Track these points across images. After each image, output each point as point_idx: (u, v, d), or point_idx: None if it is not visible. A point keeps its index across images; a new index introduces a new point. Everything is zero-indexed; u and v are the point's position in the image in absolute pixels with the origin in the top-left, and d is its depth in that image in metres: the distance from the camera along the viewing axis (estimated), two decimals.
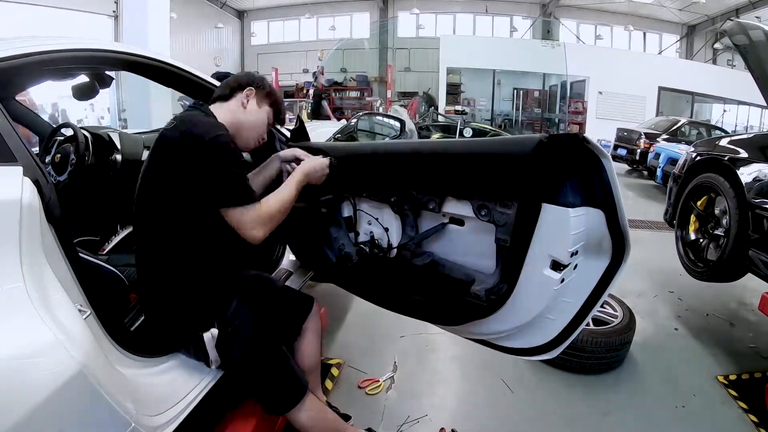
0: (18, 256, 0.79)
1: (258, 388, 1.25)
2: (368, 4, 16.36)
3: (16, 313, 0.75)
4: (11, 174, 0.84)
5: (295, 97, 15.22)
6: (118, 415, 0.85)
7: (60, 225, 0.92)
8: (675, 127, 7.87)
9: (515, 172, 1.10)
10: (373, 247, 1.53)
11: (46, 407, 0.73)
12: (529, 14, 15.39)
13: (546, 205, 1.04)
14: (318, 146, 1.65)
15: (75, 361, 0.77)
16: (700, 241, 2.51)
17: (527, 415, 1.81)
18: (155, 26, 7.07)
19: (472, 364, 2.13)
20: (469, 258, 1.32)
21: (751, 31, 2.07)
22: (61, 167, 1.83)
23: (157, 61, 1.42)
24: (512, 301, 1.15)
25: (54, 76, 1.74)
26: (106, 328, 1.00)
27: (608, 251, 1.07)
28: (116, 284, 1.36)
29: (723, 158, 2.31)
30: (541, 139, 1.04)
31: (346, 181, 1.53)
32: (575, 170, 1.02)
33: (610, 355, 2.03)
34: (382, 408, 1.81)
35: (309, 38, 16.85)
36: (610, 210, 1.02)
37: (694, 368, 2.15)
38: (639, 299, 2.84)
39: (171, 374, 1.17)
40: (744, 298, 2.92)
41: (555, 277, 1.06)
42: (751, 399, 1.89)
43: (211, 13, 15.73)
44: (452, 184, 1.26)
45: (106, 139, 1.99)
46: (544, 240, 1.06)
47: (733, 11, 13.04)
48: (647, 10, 14.89)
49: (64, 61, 1.16)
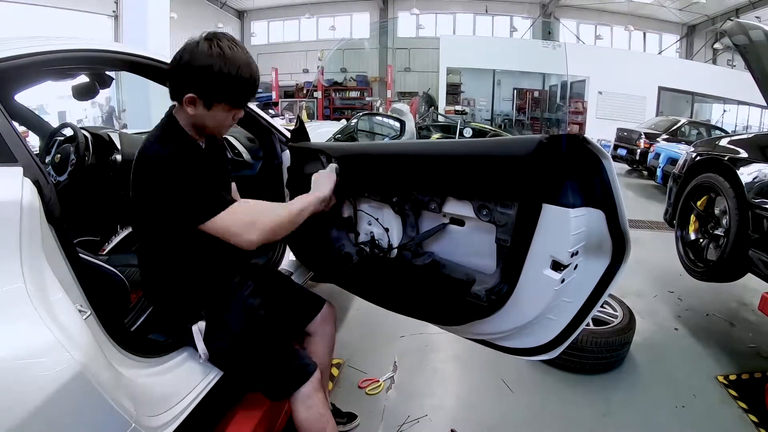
0: (18, 257, 0.79)
1: (254, 377, 1.23)
2: (368, 4, 16.37)
3: (16, 313, 0.75)
4: (11, 174, 0.84)
5: (295, 97, 15.24)
6: (118, 415, 0.85)
7: (60, 225, 0.92)
8: (675, 127, 7.88)
9: (516, 173, 1.10)
10: (374, 247, 1.53)
11: (46, 408, 0.73)
12: (529, 14, 15.38)
13: (546, 205, 1.04)
14: (318, 146, 1.65)
15: (75, 361, 0.76)
16: (700, 241, 2.51)
17: (527, 415, 1.81)
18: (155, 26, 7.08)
19: (472, 364, 2.13)
20: (469, 258, 1.32)
21: (751, 31, 2.07)
22: (61, 167, 1.83)
23: (156, 62, 1.42)
24: (513, 301, 1.15)
25: (54, 77, 1.74)
26: (106, 329, 1.00)
27: (608, 251, 1.07)
28: (116, 284, 1.35)
29: (723, 158, 2.31)
30: (542, 140, 1.04)
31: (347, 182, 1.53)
32: (575, 171, 1.02)
33: (610, 355, 2.03)
34: (382, 408, 1.81)
35: (309, 38, 16.86)
36: (611, 210, 1.02)
37: (694, 368, 2.15)
38: (639, 299, 2.84)
39: (171, 374, 1.17)
40: (744, 298, 2.92)
41: (555, 278, 1.06)
42: (751, 399, 1.89)
43: (211, 13, 15.73)
44: (453, 184, 1.26)
45: (106, 140, 1.99)
46: (545, 240, 1.06)
47: (733, 11, 13.04)
48: (647, 10, 14.89)
49: (64, 61, 1.16)
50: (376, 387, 1.93)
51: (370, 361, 2.12)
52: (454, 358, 2.19)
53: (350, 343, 2.29)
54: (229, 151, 1.96)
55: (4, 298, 0.76)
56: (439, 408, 1.84)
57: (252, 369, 1.23)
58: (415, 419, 1.74)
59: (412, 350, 2.24)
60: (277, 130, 1.81)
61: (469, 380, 2.06)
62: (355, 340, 2.32)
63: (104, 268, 1.34)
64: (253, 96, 1.19)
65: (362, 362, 2.10)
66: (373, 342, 2.30)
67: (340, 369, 2.05)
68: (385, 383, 1.97)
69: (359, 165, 1.50)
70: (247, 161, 1.96)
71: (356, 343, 2.28)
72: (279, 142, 1.80)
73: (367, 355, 2.17)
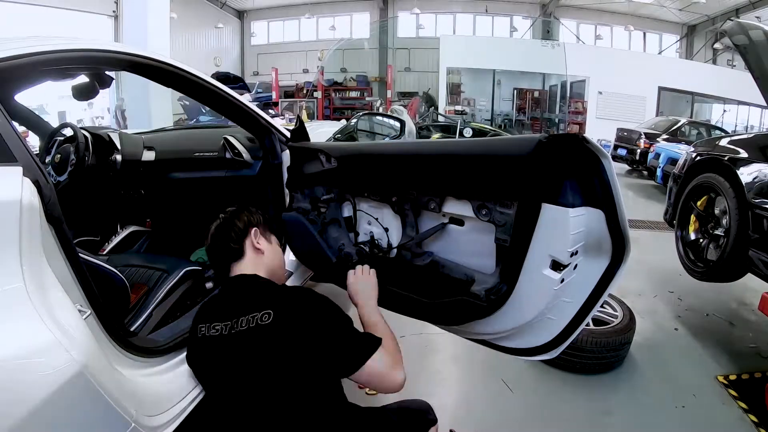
0: (18, 257, 0.79)
1: None
2: (368, 4, 16.36)
3: (16, 313, 0.75)
4: (11, 174, 0.84)
5: (295, 97, 15.23)
6: (118, 415, 0.85)
7: (60, 225, 0.92)
8: (675, 127, 7.87)
9: (515, 172, 1.10)
10: (373, 247, 1.53)
11: (46, 407, 0.73)
12: (529, 14, 15.39)
13: (546, 205, 1.04)
14: (318, 146, 1.65)
15: (75, 361, 0.76)
16: (700, 241, 2.51)
17: (527, 415, 1.81)
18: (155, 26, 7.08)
19: (472, 364, 2.13)
20: (469, 258, 1.32)
21: (751, 31, 2.07)
22: (61, 167, 1.83)
23: (156, 62, 1.42)
24: (512, 301, 1.15)
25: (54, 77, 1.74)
26: (106, 329, 1.00)
27: (608, 251, 1.07)
28: (116, 284, 1.35)
29: (723, 158, 2.31)
30: (541, 140, 1.04)
31: (347, 181, 1.53)
32: (575, 170, 1.02)
33: (610, 355, 2.03)
34: None
35: (309, 38, 16.85)
36: (610, 210, 1.02)
37: (694, 368, 2.15)
38: (639, 299, 2.83)
39: (171, 374, 1.16)
40: (744, 298, 2.91)
41: (555, 277, 1.06)
42: (751, 399, 1.89)
43: (211, 13, 15.73)
44: (452, 184, 1.26)
45: (106, 140, 2.00)
46: (544, 240, 1.06)
47: (733, 11, 13.03)
48: (647, 10, 14.88)
49: (64, 61, 1.16)
50: None
51: None
52: (454, 358, 2.19)
53: None
54: (229, 151, 1.96)
55: (4, 297, 0.76)
56: (439, 408, 1.82)
57: None
58: None
59: (412, 350, 2.23)
60: (277, 129, 1.81)
61: (469, 380, 2.06)
62: None
63: (104, 268, 1.34)
64: None
65: None
66: None
67: None
68: None
69: (359, 165, 1.50)
70: (247, 161, 1.96)
71: None
72: (279, 142, 1.80)
73: None
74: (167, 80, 1.52)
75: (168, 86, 1.58)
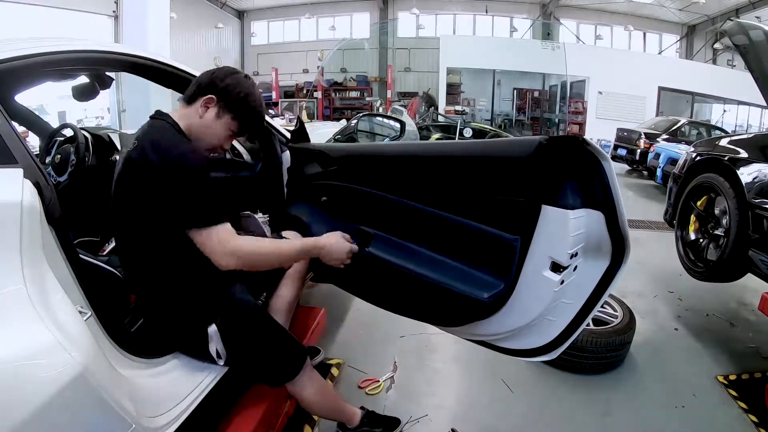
0: (18, 258, 0.79)
1: (261, 365, 1.26)
2: (368, 5, 16.35)
3: (16, 314, 0.75)
4: (11, 176, 0.84)
5: (295, 97, 15.23)
6: (119, 416, 0.85)
7: (60, 226, 0.92)
8: (675, 127, 7.87)
9: (515, 174, 1.10)
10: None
11: (46, 409, 0.73)
12: (529, 14, 15.38)
13: (546, 206, 1.04)
14: (318, 147, 1.65)
15: (75, 362, 0.77)
16: (700, 241, 2.51)
17: (527, 415, 1.81)
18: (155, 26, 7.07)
19: (472, 364, 2.13)
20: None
21: (751, 31, 2.08)
22: (62, 168, 1.83)
23: (156, 62, 1.42)
24: (512, 302, 1.15)
25: (54, 77, 1.74)
26: (107, 330, 1.00)
27: (608, 253, 1.07)
28: (117, 285, 1.36)
29: (723, 158, 2.31)
30: (541, 141, 1.04)
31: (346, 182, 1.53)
32: (575, 172, 1.02)
33: (610, 355, 2.03)
34: (382, 408, 1.80)
35: (309, 38, 16.84)
36: (610, 212, 1.02)
37: (694, 368, 2.15)
38: (639, 299, 2.84)
39: (171, 375, 1.17)
40: (744, 298, 2.92)
41: (555, 279, 1.06)
42: (751, 399, 1.89)
43: (211, 13, 15.72)
44: (452, 185, 1.26)
45: (107, 140, 1.99)
46: (544, 241, 1.06)
47: (733, 11, 13.03)
48: (647, 10, 14.88)
49: (65, 62, 1.16)
50: (376, 387, 1.93)
51: (370, 361, 2.12)
52: (454, 359, 2.19)
53: (350, 343, 2.29)
54: (229, 152, 1.96)
55: (5, 299, 0.76)
56: (439, 408, 1.84)
57: (259, 360, 1.25)
58: (415, 419, 1.74)
59: (412, 350, 2.24)
60: (277, 130, 1.81)
61: (469, 380, 2.06)
62: (354, 340, 2.32)
63: (104, 268, 1.34)
64: (243, 135, 1.29)
65: (362, 362, 2.10)
66: (373, 342, 2.30)
67: (340, 369, 2.05)
68: (385, 383, 1.97)
69: (359, 165, 1.50)
70: (247, 161, 1.96)
71: (356, 343, 2.28)
72: (279, 142, 1.81)
73: (367, 355, 2.17)
74: (167, 81, 1.53)
75: (168, 87, 1.58)
